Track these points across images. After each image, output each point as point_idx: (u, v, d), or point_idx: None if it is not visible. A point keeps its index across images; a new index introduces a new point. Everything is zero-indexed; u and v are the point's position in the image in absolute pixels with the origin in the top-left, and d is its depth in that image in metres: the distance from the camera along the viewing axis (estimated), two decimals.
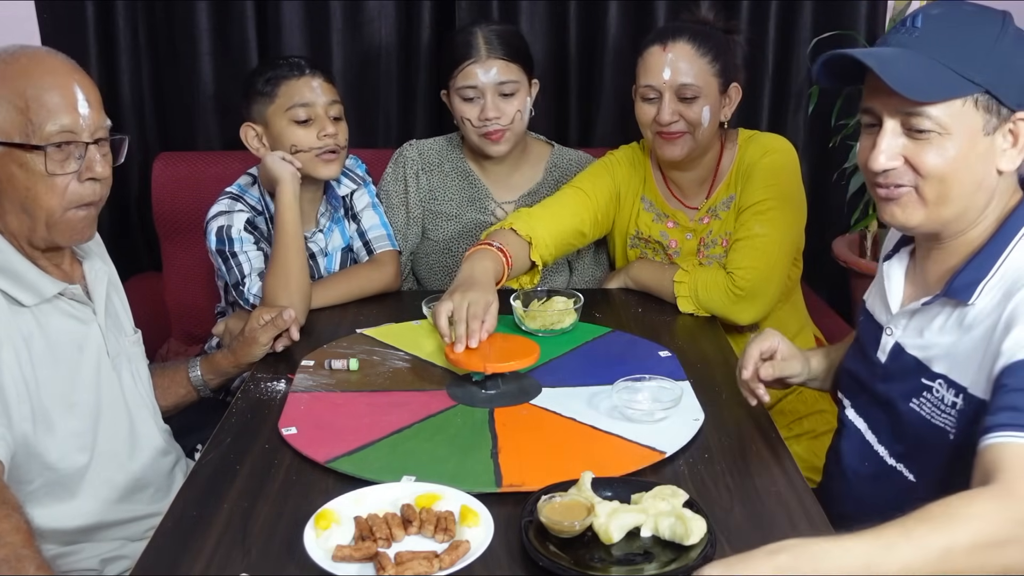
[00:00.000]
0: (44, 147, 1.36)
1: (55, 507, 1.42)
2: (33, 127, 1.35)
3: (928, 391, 1.31)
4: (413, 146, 2.24)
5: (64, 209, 1.41)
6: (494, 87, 2.05)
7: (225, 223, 1.94)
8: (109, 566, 1.49)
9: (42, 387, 1.41)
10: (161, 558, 1.15)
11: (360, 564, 1.10)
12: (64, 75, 1.40)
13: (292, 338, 1.74)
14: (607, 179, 2.07)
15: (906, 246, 1.42)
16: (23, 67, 1.37)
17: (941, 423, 1.29)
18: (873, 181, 1.30)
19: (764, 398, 1.49)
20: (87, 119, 1.40)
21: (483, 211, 2.20)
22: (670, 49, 1.89)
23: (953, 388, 1.27)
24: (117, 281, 1.64)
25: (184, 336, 2.59)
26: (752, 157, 1.96)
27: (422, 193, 2.20)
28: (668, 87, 1.89)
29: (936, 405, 1.30)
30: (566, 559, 1.11)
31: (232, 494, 1.28)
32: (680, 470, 1.34)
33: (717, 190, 2.02)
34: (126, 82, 2.62)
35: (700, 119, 1.90)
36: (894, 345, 1.37)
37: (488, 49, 2.05)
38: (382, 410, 1.52)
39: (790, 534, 1.16)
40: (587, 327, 1.85)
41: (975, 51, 1.21)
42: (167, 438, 1.65)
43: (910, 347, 1.35)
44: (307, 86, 1.93)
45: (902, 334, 1.36)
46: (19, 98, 1.35)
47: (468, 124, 2.09)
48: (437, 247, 2.21)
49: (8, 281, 1.39)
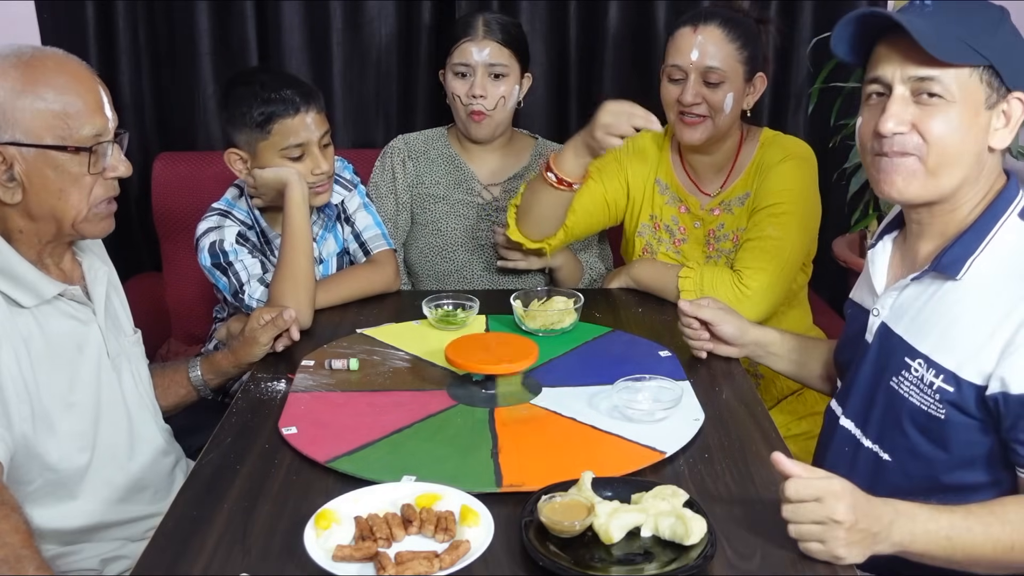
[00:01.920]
0: (89, 149, 1.39)
1: (55, 507, 1.43)
2: (70, 130, 1.37)
3: (907, 370, 1.35)
4: (399, 138, 2.29)
5: (91, 207, 1.43)
6: (485, 66, 2.12)
7: (216, 238, 1.92)
8: (109, 566, 1.49)
9: (42, 388, 1.41)
10: (161, 558, 1.15)
11: (360, 564, 1.10)
12: (88, 79, 1.42)
13: (292, 338, 1.74)
14: (614, 165, 2.08)
15: (889, 233, 1.48)
16: (50, 70, 1.38)
17: (918, 402, 1.34)
18: (877, 150, 1.35)
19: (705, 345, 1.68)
20: (112, 121, 1.44)
21: (470, 192, 2.24)
22: (700, 31, 1.90)
23: (934, 368, 1.32)
24: (117, 281, 1.64)
25: (184, 336, 2.60)
26: (772, 158, 1.97)
27: (409, 179, 2.24)
28: (695, 68, 1.90)
29: (915, 384, 1.34)
30: (566, 559, 1.11)
31: (232, 494, 1.28)
32: (680, 470, 1.34)
33: (734, 184, 2.02)
34: (126, 82, 2.63)
35: (722, 104, 1.91)
36: (880, 326, 1.42)
37: (486, 31, 2.12)
38: (382, 410, 1.52)
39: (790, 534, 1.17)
40: (587, 327, 1.85)
41: (982, 28, 1.29)
42: (167, 438, 1.65)
43: (895, 326, 1.40)
44: (302, 124, 1.89)
45: (888, 314, 1.41)
46: (53, 102, 1.36)
47: (457, 101, 2.15)
48: (426, 229, 2.23)
49: (7, 282, 1.39)
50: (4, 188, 1.37)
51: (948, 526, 1.18)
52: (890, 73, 1.31)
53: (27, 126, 1.35)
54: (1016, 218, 1.33)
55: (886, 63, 1.32)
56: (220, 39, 2.59)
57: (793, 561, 1.13)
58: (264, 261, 1.95)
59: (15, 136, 1.35)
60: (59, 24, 2.56)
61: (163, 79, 2.66)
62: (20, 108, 1.34)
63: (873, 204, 2.67)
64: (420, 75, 2.65)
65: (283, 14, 2.56)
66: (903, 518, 1.17)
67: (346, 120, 2.67)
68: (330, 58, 2.61)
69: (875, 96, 1.36)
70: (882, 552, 1.17)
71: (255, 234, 1.99)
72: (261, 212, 1.99)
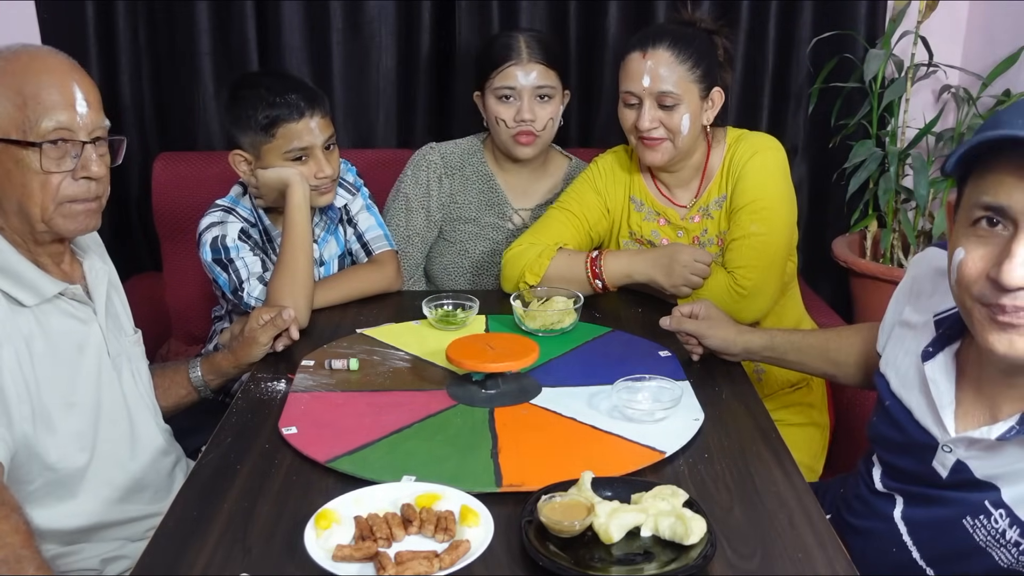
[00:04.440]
0: (40, 144, 1.36)
1: (56, 507, 1.43)
2: (29, 124, 1.35)
3: (987, 516, 1.19)
4: (434, 149, 2.24)
5: (56, 205, 1.40)
6: (532, 90, 2.09)
7: (219, 233, 1.93)
8: (109, 566, 1.49)
9: (42, 387, 1.41)
10: (161, 558, 1.14)
11: (360, 564, 1.10)
12: (63, 73, 1.40)
13: (292, 337, 1.74)
14: (592, 195, 2.09)
15: (949, 345, 1.27)
16: (23, 64, 1.37)
17: (992, 552, 1.19)
18: (995, 302, 1.08)
19: (696, 349, 1.70)
20: (84, 118, 1.40)
21: (501, 216, 2.23)
22: (649, 56, 1.89)
23: (1017, 525, 1.16)
24: (117, 281, 1.64)
25: (184, 336, 2.60)
26: (742, 157, 1.97)
27: (444, 198, 2.22)
28: (648, 94, 1.90)
29: (990, 533, 1.19)
30: (566, 559, 1.11)
31: (232, 494, 1.28)
32: (680, 470, 1.34)
33: (707, 189, 2.02)
34: (126, 82, 2.63)
35: (679, 127, 1.91)
36: (956, 463, 1.23)
37: (529, 52, 2.08)
38: (382, 410, 1.52)
39: (790, 534, 1.18)
40: (587, 327, 1.85)
41: None
42: (167, 438, 1.65)
43: (975, 467, 1.20)
44: (306, 128, 1.89)
45: (965, 454, 1.21)
46: (17, 95, 1.35)
47: (502, 124, 2.12)
48: (453, 248, 2.23)
49: (8, 281, 1.39)
50: None
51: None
52: (1016, 204, 1.03)
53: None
54: None
55: (1010, 191, 1.04)
56: (220, 39, 2.59)
57: (794, 561, 1.13)
58: (265, 259, 1.95)
59: None
60: (59, 24, 2.56)
61: (163, 79, 2.66)
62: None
63: (873, 204, 2.68)
64: (420, 76, 2.65)
65: (283, 14, 2.57)
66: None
67: (346, 119, 2.67)
68: (330, 58, 2.61)
69: (985, 224, 1.09)
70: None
71: (258, 232, 2.00)
72: (265, 211, 2.00)
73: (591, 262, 1.96)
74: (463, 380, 1.61)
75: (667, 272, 1.89)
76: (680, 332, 1.70)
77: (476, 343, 1.62)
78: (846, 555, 1.14)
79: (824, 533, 1.18)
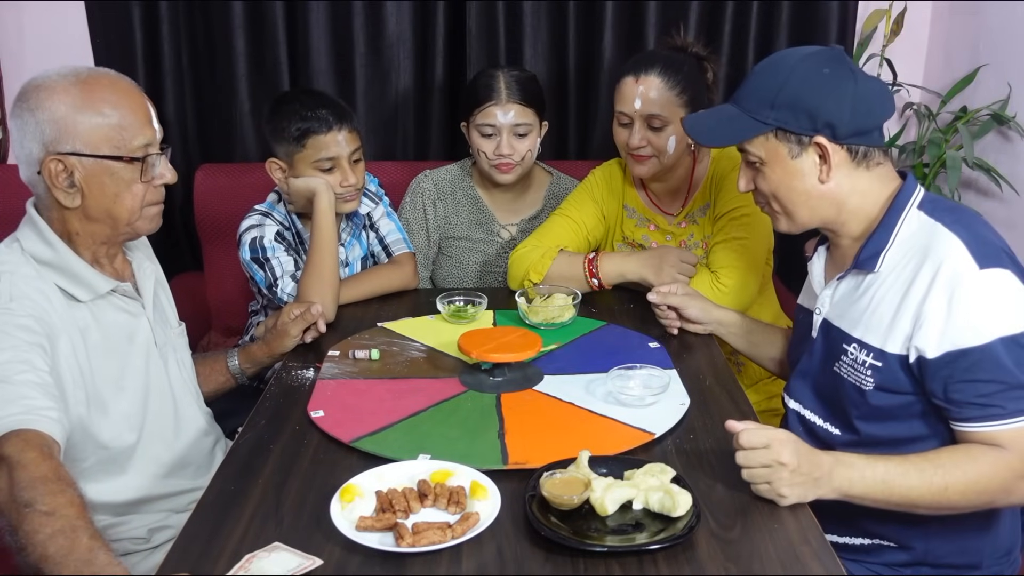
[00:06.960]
0: (142, 158, 1.40)
1: (107, 482, 1.43)
2: (123, 141, 1.38)
3: (844, 354, 1.39)
4: (428, 177, 2.27)
5: (141, 209, 1.44)
6: (510, 127, 2.09)
7: (257, 234, 1.94)
8: (156, 535, 1.49)
9: (96, 374, 1.41)
10: (203, 528, 1.15)
11: (381, 533, 1.10)
12: (138, 96, 1.42)
13: (319, 330, 1.75)
14: (590, 203, 2.09)
15: (822, 244, 1.52)
16: (105, 88, 1.38)
17: (855, 380, 1.37)
18: None
19: (674, 323, 1.76)
20: (158, 134, 1.44)
21: (490, 232, 2.26)
22: (641, 81, 1.89)
23: (865, 349, 1.35)
24: (163, 279, 1.65)
25: (223, 329, 2.60)
26: (724, 169, 1.97)
27: (439, 220, 2.25)
28: (638, 116, 1.90)
29: (852, 366, 1.37)
30: (566, 529, 1.11)
31: (266, 471, 1.28)
32: (668, 449, 1.34)
33: (693, 198, 2.03)
34: (171, 101, 2.63)
35: (666, 146, 1.91)
36: (822, 322, 1.46)
37: (508, 93, 2.08)
38: (400, 395, 1.52)
39: (767, 506, 1.17)
40: (584, 321, 1.85)
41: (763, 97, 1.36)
42: (208, 420, 1.66)
43: (834, 319, 1.43)
44: (333, 141, 1.90)
45: (828, 311, 1.45)
46: (109, 116, 1.37)
47: (483, 156, 2.13)
48: (450, 261, 2.26)
49: (66, 279, 1.40)
50: (65, 193, 1.37)
51: (884, 472, 1.21)
52: None
53: (86, 138, 1.36)
54: (916, 210, 1.35)
55: None
56: (255, 62, 2.59)
57: (770, 531, 1.12)
58: (297, 259, 1.96)
59: (76, 147, 1.35)
60: (111, 49, 2.57)
61: (204, 98, 2.66)
62: (80, 122, 1.35)
63: None
64: (434, 97, 2.64)
65: (312, 39, 2.56)
66: (842, 466, 1.20)
67: (368, 133, 2.66)
68: (354, 78, 2.61)
69: None
70: (825, 496, 1.20)
71: (291, 235, 2.00)
72: (297, 216, 2.01)
73: (588, 263, 1.96)
74: (473, 369, 1.61)
75: (656, 271, 1.89)
76: (662, 305, 1.76)
77: (485, 335, 1.62)
78: (817, 524, 1.14)
79: (797, 505, 1.18)
